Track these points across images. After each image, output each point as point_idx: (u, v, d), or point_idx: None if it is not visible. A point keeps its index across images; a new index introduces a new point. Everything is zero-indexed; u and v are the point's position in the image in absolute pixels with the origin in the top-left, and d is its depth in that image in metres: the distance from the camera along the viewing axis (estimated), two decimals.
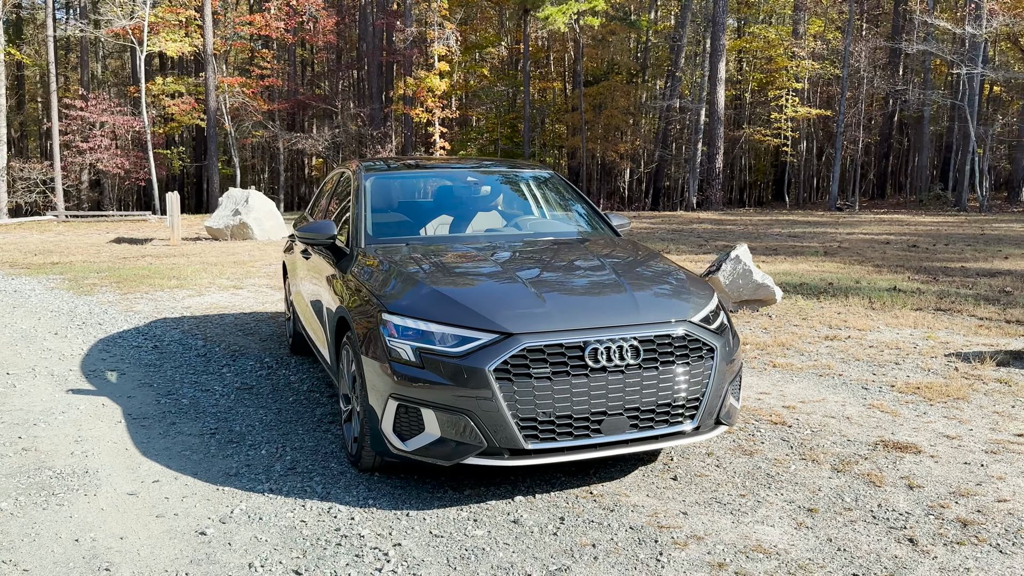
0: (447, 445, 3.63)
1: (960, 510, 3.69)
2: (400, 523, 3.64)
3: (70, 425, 5.04)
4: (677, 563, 3.24)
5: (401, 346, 3.73)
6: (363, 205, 5.01)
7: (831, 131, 38.75)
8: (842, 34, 36.94)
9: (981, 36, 25.97)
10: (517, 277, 4.16)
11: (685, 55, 35.00)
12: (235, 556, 3.37)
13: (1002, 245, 14.62)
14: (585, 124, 32.34)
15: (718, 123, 30.38)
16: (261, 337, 7.58)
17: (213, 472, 4.29)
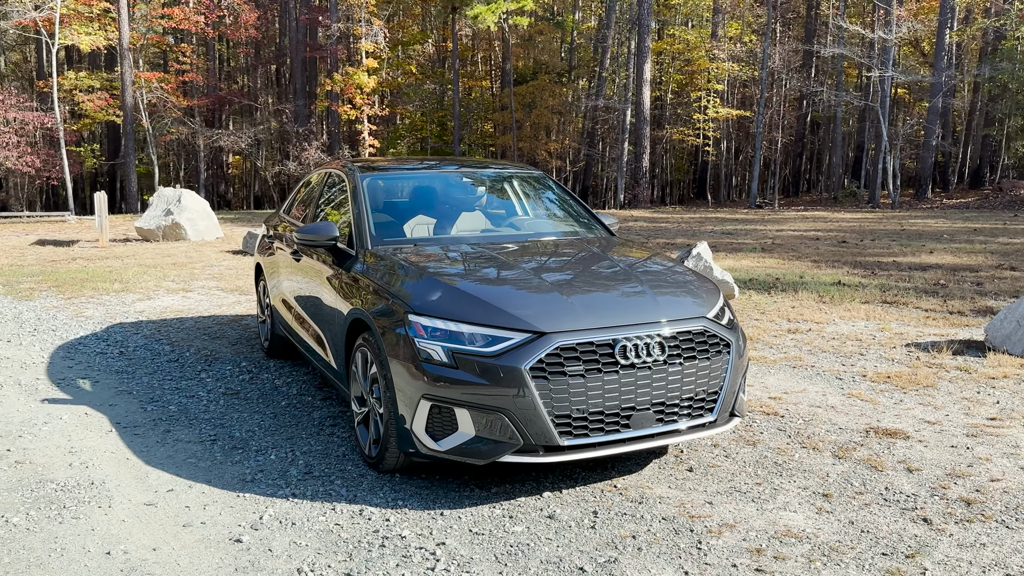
0: (482, 444, 3.68)
1: (960, 491, 3.94)
2: (437, 523, 3.67)
3: (58, 435, 4.87)
4: (718, 550, 3.37)
5: (432, 347, 3.76)
6: (363, 206, 4.98)
7: (747, 131, 40.05)
8: (758, 37, 38.22)
9: (892, 40, 27.25)
10: (537, 277, 4.23)
11: (610, 56, 35.57)
12: (280, 562, 3.34)
13: (924, 240, 15.41)
14: (515, 123, 32.53)
15: (644, 123, 30.99)
16: (229, 341, 7.42)
17: (227, 479, 4.22)
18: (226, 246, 15.79)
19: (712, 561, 3.29)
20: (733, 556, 3.33)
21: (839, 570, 3.20)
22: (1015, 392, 5.52)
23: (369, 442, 4.28)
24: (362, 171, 5.37)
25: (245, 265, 12.68)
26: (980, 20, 31.71)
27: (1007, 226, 18.46)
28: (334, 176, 5.78)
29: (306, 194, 6.36)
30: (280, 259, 6.10)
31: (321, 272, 5.04)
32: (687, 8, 40.92)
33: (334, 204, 5.64)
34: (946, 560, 3.28)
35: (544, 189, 5.82)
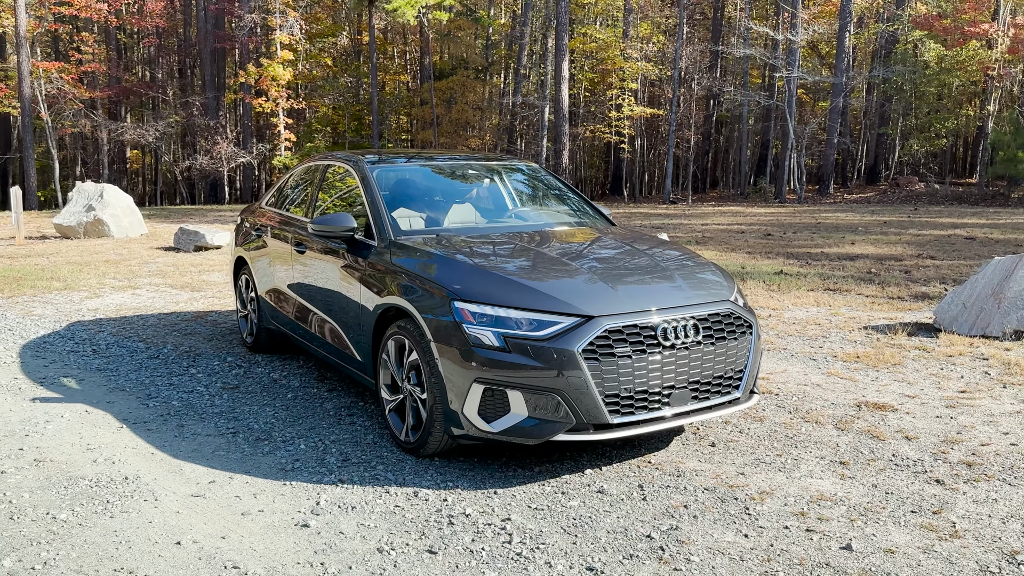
0: (535, 424, 3.83)
1: (958, 455, 4.33)
2: (494, 501, 3.81)
3: (67, 433, 4.75)
4: (766, 515, 3.64)
5: (482, 332, 3.89)
6: (377, 197, 5.04)
7: (658, 129, 41.15)
8: (665, 37, 39.32)
9: (798, 42, 28.57)
10: (570, 264, 4.41)
11: (528, 53, 35.94)
12: (356, 543, 3.42)
13: (842, 232, 16.31)
14: (436, 118, 32.50)
15: (563, 120, 31.47)
16: (203, 337, 7.30)
17: (266, 469, 4.23)
18: (154, 243, 15.30)
19: (764, 524, 3.55)
20: (781, 519, 3.60)
21: (880, 527, 3.51)
22: (973, 368, 6.03)
23: (406, 428, 4.37)
24: (370, 163, 5.42)
25: (184, 262, 12.36)
26: (875, 25, 33.55)
27: (912, 219, 19.69)
28: (335, 168, 5.80)
29: (298, 187, 6.34)
30: (274, 252, 6.07)
31: (334, 263, 5.07)
32: (599, 8, 41.70)
33: (339, 195, 5.67)
34: (968, 515, 3.64)
35: (542, 180, 6.00)
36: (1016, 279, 6.93)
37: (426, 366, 4.10)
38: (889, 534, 3.45)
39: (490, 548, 3.36)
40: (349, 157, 5.67)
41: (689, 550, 3.32)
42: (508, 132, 35.87)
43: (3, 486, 3.99)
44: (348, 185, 5.57)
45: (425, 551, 3.35)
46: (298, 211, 6.01)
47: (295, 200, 6.24)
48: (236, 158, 31.58)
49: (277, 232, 6.07)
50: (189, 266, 11.95)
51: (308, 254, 5.46)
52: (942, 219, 19.67)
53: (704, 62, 38.37)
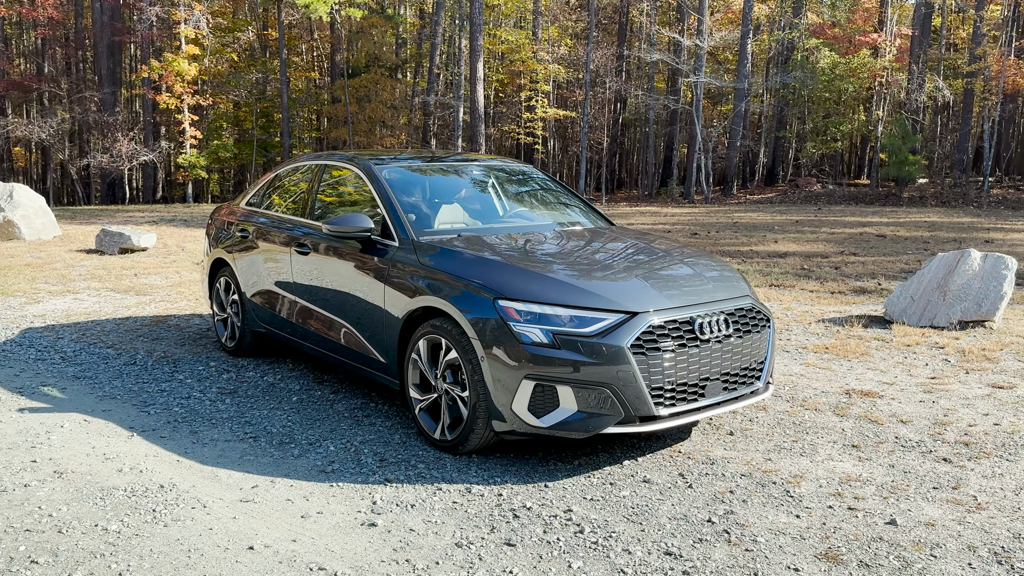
0: (584, 418, 3.96)
1: (952, 436, 4.71)
2: (548, 494, 3.91)
3: (77, 444, 4.57)
4: (807, 496, 3.88)
5: (530, 330, 3.99)
6: (391, 197, 5.05)
7: (567, 130, 41.84)
8: (573, 40, 40.00)
9: (704, 48, 29.61)
10: (601, 261, 4.56)
11: (441, 53, 35.89)
12: (432, 539, 3.46)
13: (762, 231, 17.06)
14: (350, 116, 32.05)
15: (479, 120, 31.58)
16: (173, 342, 7.09)
17: (304, 472, 4.21)
18: (72, 245, 14.58)
19: (809, 505, 3.78)
20: (822, 500, 3.84)
21: (912, 503, 3.80)
22: (933, 356, 6.51)
23: (442, 427, 4.41)
24: (377, 164, 5.42)
25: (114, 265, 11.85)
26: (776, 32, 35.08)
27: (820, 218, 20.76)
28: (334, 168, 5.76)
29: (288, 187, 6.25)
30: (265, 253, 5.96)
31: (347, 265, 5.05)
32: (507, 9, 42.06)
33: (343, 196, 5.64)
34: (983, 489, 3.98)
35: (540, 180, 6.12)
36: (959, 274, 7.49)
37: (468, 364, 4.16)
38: (923, 509, 3.74)
39: (565, 539, 3.47)
40: (351, 158, 5.64)
41: (752, 532, 3.52)
42: (422, 131, 35.72)
43: (35, 499, 3.83)
44: (353, 186, 5.54)
45: (504, 544, 3.42)
46: (293, 212, 5.93)
47: (287, 201, 6.15)
48: (138, 156, 30.31)
49: (269, 233, 5.97)
50: (121, 269, 11.48)
51: (313, 256, 5.40)
52: (847, 218, 20.81)
53: (612, 66, 39.27)
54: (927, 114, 36.59)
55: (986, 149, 29.39)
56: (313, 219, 5.62)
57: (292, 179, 6.29)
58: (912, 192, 28.84)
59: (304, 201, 5.84)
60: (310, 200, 5.77)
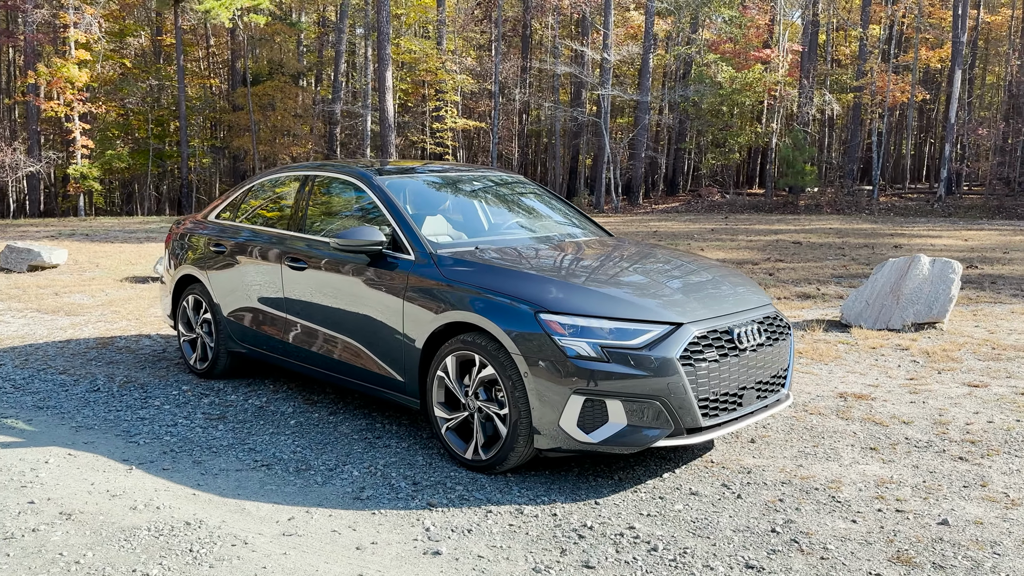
0: (635, 431, 3.90)
1: (956, 435, 4.89)
2: (602, 511, 3.83)
3: (72, 481, 4.19)
4: (854, 501, 3.94)
5: (576, 343, 3.90)
6: (401, 210, 4.87)
7: (472, 141, 41.87)
8: (477, 51, 40.12)
9: (611, 61, 30.23)
10: (632, 272, 4.53)
11: (346, 61, 35.30)
12: (507, 565, 3.33)
13: (683, 239, 17.48)
14: (255, 125, 31.06)
15: (389, 130, 31.17)
16: (131, 366, 6.64)
17: (338, 500, 3.98)
18: None
19: (860, 509, 3.85)
20: (869, 504, 3.91)
21: (953, 503, 3.92)
22: (901, 358, 6.79)
23: (474, 446, 4.27)
24: (379, 174, 5.22)
25: (28, 284, 11.04)
26: (676, 48, 36.16)
27: (732, 226, 21.46)
28: (325, 179, 5.52)
29: (270, 199, 5.96)
30: (249, 269, 5.64)
31: (353, 280, 4.84)
32: (411, 18, 41.80)
33: (340, 208, 5.41)
34: (1009, 485, 4.14)
35: (537, 191, 6.03)
36: (910, 278, 7.86)
37: (507, 381, 4.04)
38: (965, 508, 3.86)
39: (641, 557, 3.40)
40: (346, 168, 5.42)
41: (819, 539, 3.54)
42: (330, 141, 35.00)
43: (52, 546, 3.47)
44: (351, 197, 5.33)
45: (582, 566, 3.32)
46: (279, 225, 5.64)
47: (271, 213, 5.86)
48: (22, 168, 28.46)
49: (251, 248, 5.66)
50: (37, 288, 10.70)
51: (310, 271, 5.15)
52: (757, 226, 21.60)
53: (517, 77, 39.57)
54: (816, 126, 38.50)
55: (874, 159, 31.16)
56: (307, 232, 5.37)
57: (272, 191, 6.00)
58: (807, 200, 30.23)
59: (292, 214, 5.56)
60: (300, 212, 5.50)
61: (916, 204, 29.72)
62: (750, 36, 36.98)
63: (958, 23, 28.36)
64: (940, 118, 44.37)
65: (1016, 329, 7.83)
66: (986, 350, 6.96)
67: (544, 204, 5.87)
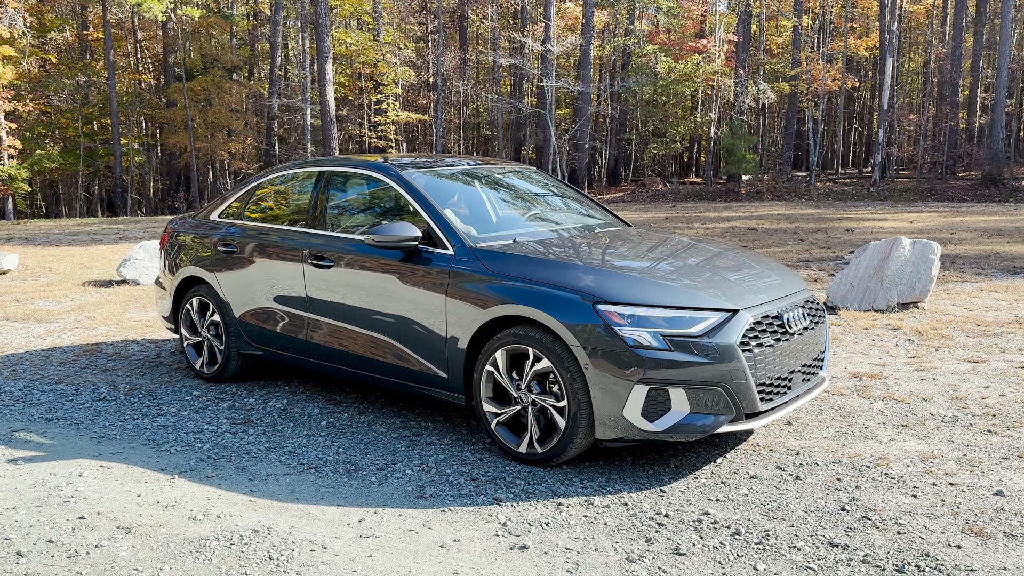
0: (697, 419, 3.94)
1: (976, 409, 5.08)
2: (671, 498, 3.87)
3: (117, 493, 4.04)
4: (908, 477, 4.06)
5: (638, 333, 3.92)
6: (434, 204, 4.81)
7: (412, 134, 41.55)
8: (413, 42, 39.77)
9: (555, 53, 30.34)
10: (678, 261, 4.58)
11: (283, 55, 34.58)
12: (598, 556, 3.33)
13: None
14: (191, 121, 30.17)
15: (331, 124, 30.66)
16: (130, 372, 6.42)
17: (401, 499, 3.93)
18: None
19: (916, 484, 3.97)
20: (922, 479, 4.04)
21: (998, 473, 4.07)
22: (896, 337, 7.01)
23: (528, 440, 4.25)
24: (402, 169, 5.14)
25: None
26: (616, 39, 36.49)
27: (682, 214, 21.83)
28: (342, 174, 5.41)
29: (279, 197, 5.81)
30: (266, 268, 5.49)
31: (388, 277, 4.76)
32: (346, 10, 41.16)
33: (360, 205, 5.32)
34: None
35: (549, 182, 6.02)
36: (892, 260, 8.12)
37: (565, 373, 4.04)
38: (1012, 479, 4.02)
39: (728, 542, 3.44)
40: (366, 163, 5.33)
41: (889, 515, 3.64)
42: (268, 135, 34.27)
43: (122, 562, 3.33)
44: (375, 193, 5.24)
45: (674, 553, 3.35)
46: (296, 223, 5.50)
47: (285, 211, 5.71)
48: None
49: (267, 247, 5.51)
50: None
51: (337, 269, 5.04)
52: (707, 213, 22.02)
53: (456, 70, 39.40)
54: (751, 115, 39.38)
55: (810, 147, 32.04)
56: (328, 229, 5.25)
57: (282, 189, 5.85)
58: (747, 188, 30.93)
59: (309, 211, 5.43)
60: (318, 210, 5.37)
61: (852, 189, 30.70)
62: (687, 27, 37.59)
63: (885, 12, 29.37)
64: (867, 105, 45.92)
65: (991, 306, 8.17)
66: (971, 327, 7.24)
67: (560, 194, 5.87)
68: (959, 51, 32.30)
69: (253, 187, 6.01)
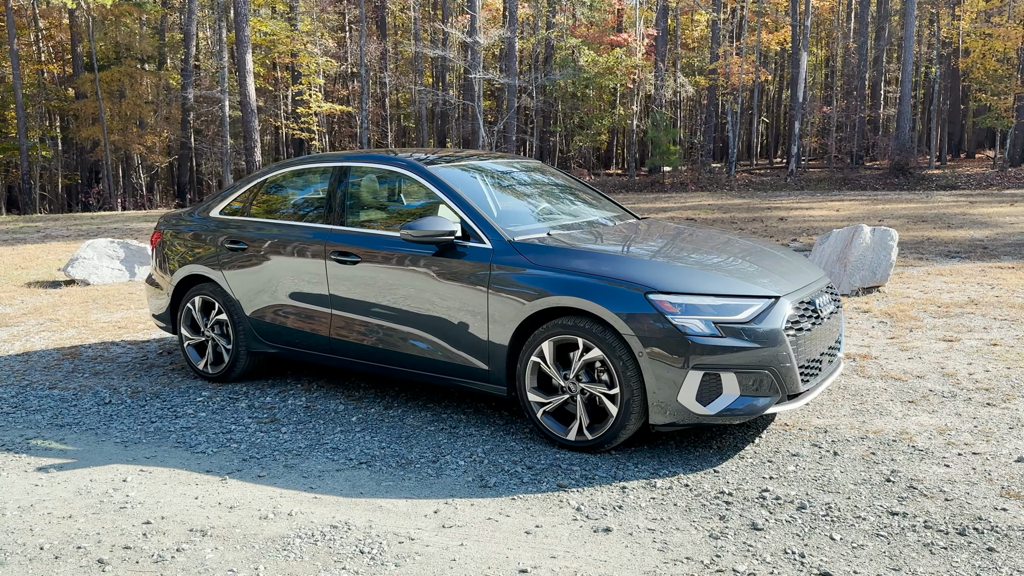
0: (747, 401, 4.13)
1: (968, 384, 5.46)
2: (728, 478, 4.05)
3: (174, 496, 3.97)
4: (932, 449, 4.35)
5: (689, 321, 4.08)
6: (466, 199, 4.85)
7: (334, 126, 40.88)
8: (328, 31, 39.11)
9: (482, 45, 30.35)
10: (712, 250, 4.77)
11: (196, 44, 33.48)
12: (682, 535, 3.48)
13: None
14: (103, 114, 28.90)
15: (252, 115, 29.89)
16: (123, 375, 6.25)
17: (466, 490, 4.00)
18: None
19: (944, 455, 4.26)
20: (946, 449, 4.34)
21: (1013, 441, 4.40)
22: (870, 320, 7.41)
23: (578, 427, 4.37)
24: (429, 164, 5.16)
25: None
26: (540, 32, 36.74)
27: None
28: (360, 169, 5.38)
29: (291, 193, 5.74)
30: (282, 264, 5.42)
31: (423, 272, 4.78)
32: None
33: (384, 200, 5.31)
34: None
35: (557, 174, 6.12)
36: (855, 247, 8.56)
37: (618, 361, 4.16)
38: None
39: (796, 516, 3.64)
40: (390, 158, 5.32)
41: (932, 484, 3.91)
42: (184, 127, 33.13)
43: (212, 564, 3.30)
44: (400, 188, 5.25)
45: (750, 528, 3.53)
46: (312, 219, 5.44)
47: (299, 208, 5.64)
48: None
49: (283, 244, 5.43)
50: None
51: (365, 265, 5.02)
52: (641, 205, 22.50)
53: (377, 61, 38.94)
54: (669, 108, 40.35)
55: (730, 138, 33.07)
56: (350, 225, 5.22)
57: (295, 184, 5.77)
58: (672, 179, 31.71)
59: (328, 207, 5.37)
60: (338, 206, 5.33)
61: (770, 179, 31.85)
62: (608, 20, 38.17)
63: (796, 6, 30.57)
64: (776, 98, 47.65)
65: (942, 289, 8.70)
66: (933, 308, 7.71)
67: (570, 187, 5.98)
68: (865, 47, 33.90)
69: (257, 184, 5.90)
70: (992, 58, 30.89)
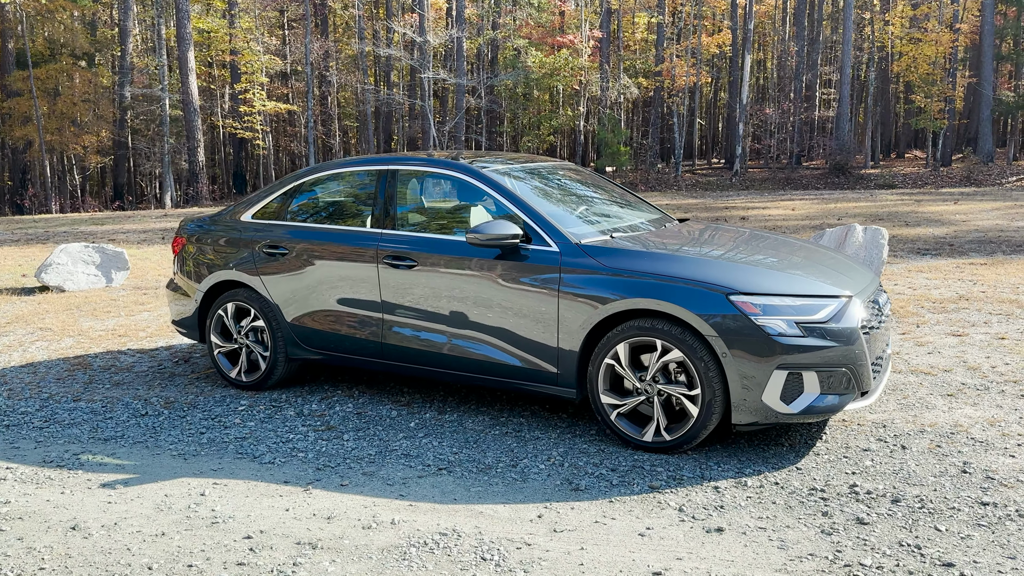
0: (827, 399, 4.23)
1: (997, 377, 5.69)
2: (813, 474, 4.14)
3: (261, 509, 3.87)
4: (989, 441, 4.52)
5: (772, 321, 4.17)
6: (524, 203, 4.84)
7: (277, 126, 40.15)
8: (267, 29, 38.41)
9: (431, 44, 30.21)
10: (779, 252, 4.88)
11: (134, 40, 32.44)
12: (793, 533, 3.55)
13: None
14: (39, 113, 27.73)
15: (195, 114, 29.20)
16: (146, 385, 6.05)
17: (558, 494, 3.99)
18: None
19: (1005, 446, 4.43)
20: (1003, 440, 4.52)
21: None
22: None
23: (654, 428, 4.40)
24: (483, 167, 5.13)
25: None
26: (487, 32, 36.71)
27: None
28: (408, 172, 5.32)
29: (331, 197, 5.63)
30: (328, 269, 5.31)
31: (487, 275, 4.76)
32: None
33: (439, 204, 5.26)
34: None
35: (589, 175, 6.15)
36: (848, 245, 8.83)
37: (699, 362, 4.22)
38: None
39: (895, 509, 3.74)
40: (440, 162, 5.27)
41: (1008, 474, 4.07)
42: (121, 126, 32.04)
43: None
44: (455, 191, 5.21)
45: (856, 523, 3.62)
46: (358, 223, 5.35)
47: (340, 212, 5.54)
48: None
49: (330, 248, 5.32)
50: None
51: (422, 269, 4.96)
52: None
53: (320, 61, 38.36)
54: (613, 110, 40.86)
55: (676, 139, 33.65)
56: (401, 229, 5.16)
57: (336, 188, 5.66)
58: (621, 180, 32.13)
59: (376, 211, 5.28)
60: (387, 210, 5.24)
61: (716, 179, 32.55)
62: (554, 22, 38.40)
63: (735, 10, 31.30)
64: (713, 100, 48.67)
65: (928, 285, 9.04)
66: (929, 304, 8.01)
67: (610, 190, 6.02)
68: (803, 50, 34.92)
69: (292, 188, 5.77)
70: (924, 62, 32.19)
